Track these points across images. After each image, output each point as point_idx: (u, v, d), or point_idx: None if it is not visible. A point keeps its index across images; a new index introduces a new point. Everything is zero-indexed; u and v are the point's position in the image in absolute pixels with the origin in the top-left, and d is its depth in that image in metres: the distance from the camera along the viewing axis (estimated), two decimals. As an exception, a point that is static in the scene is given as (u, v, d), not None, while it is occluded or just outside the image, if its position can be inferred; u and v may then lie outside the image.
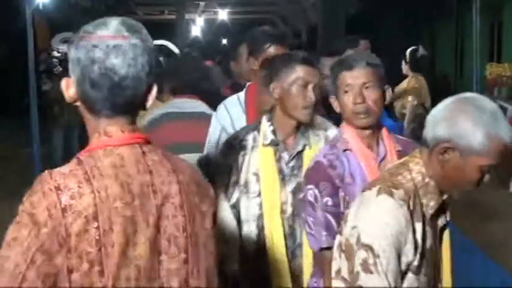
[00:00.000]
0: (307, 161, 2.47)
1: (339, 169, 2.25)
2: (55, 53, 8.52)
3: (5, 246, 1.33)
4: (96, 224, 1.33)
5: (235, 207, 2.57)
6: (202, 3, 17.84)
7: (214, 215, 1.53)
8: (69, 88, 1.43)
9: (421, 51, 6.97)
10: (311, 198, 2.26)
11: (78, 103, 1.44)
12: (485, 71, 11.09)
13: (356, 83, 2.22)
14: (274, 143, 2.54)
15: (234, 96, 3.05)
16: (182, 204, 1.43)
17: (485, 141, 1.71)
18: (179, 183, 1.44)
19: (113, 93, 1.39)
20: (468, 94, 1.83)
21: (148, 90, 1.44)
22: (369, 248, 1.73)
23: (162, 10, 19.91)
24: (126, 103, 1.41)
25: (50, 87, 8.18)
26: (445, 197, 1.85)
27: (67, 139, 8.11)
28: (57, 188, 1.33)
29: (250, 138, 2.59)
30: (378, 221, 1.75)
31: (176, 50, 4.04)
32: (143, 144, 1.44)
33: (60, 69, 8.16)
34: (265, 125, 2.57)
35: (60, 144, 8.09)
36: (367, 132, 2.26)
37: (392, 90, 7.88)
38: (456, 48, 16.79)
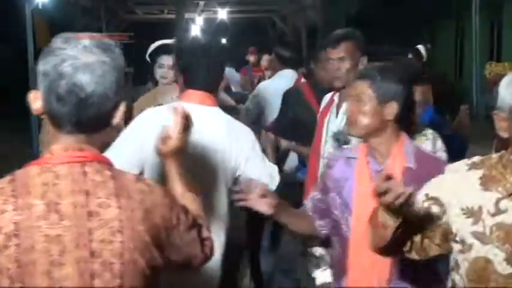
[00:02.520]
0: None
1: (334, 171, 2.35)
2: (55, 53, 8.49)
3: None
4: (16, 241, 1.32)
5: None
6: (201, 3, 17.82)
7: (162, 242, 1.46)
8: (36, 101, 1.42)
9: (424, 52, 6.95)
10: None
11: (44, 116, 1.43)
12: (485, 70, 11.08)
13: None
14: None
15: (329, 94, 3.29)
16: (121, 230, 1.38)
17: None
18: (120, 208, 1.39)
19: (78, 110, 1.38)
20: None
21: (115, 108, 1.44)
22: None
23: (162, 9, 19.90)
24: (89, 120, 1.40)
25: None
26: None
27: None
28: None
29: None
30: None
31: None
32: (88, 163, 1.40)
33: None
34: None
35: (60, 144, 8.08)
36: (373, 143, 2.28)
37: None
38: (456, 47, 16.80)
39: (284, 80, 4.54)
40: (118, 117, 1.45)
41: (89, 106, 1.38)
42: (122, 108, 1.45)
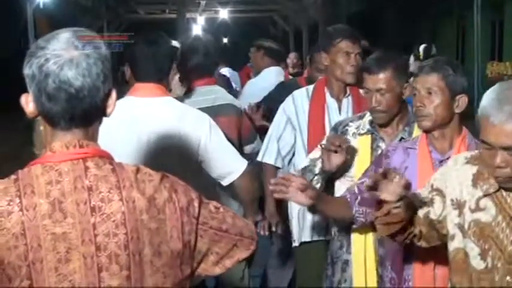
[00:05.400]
0: None
1: (392, 159, 2.39)
2: (56, 53, 8.51)
3: None
4: (24, 241, 1.36)
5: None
6: (203, 2, 17.84)
7: (168, 230, 1.46)
8: (28, 104, 1.44)
9: (433, 50, 6.97)
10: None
11: (39, 117, 1.45)
12: (486, 69, 11.07)
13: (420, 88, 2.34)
14: (369, 132, 2.70)
15: (304, 89, 3.28)
16: (125, 222, 1.41)
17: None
18: (123, 200, 1.42)
19: (70, 105, 1.40)
20: None
21: (107, 97, 1.46)
22: None
23: (163, 9, 19.92)
24: (84, 113, 1.42)
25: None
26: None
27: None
28: None
29: (354, 125, 2.77)
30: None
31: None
32: (89, 159, 1.43)
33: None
34: (367, 115, 2.74)
35: (61, 143, 8.08)
36: (435, 134, 2.32)
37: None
38: (457, 47, 16.79)
39: (274, 76, 4.41)
40: (112, 105, 1.47)
41: (81, 100, 1.40)
42: (113, 96, 1.47)
